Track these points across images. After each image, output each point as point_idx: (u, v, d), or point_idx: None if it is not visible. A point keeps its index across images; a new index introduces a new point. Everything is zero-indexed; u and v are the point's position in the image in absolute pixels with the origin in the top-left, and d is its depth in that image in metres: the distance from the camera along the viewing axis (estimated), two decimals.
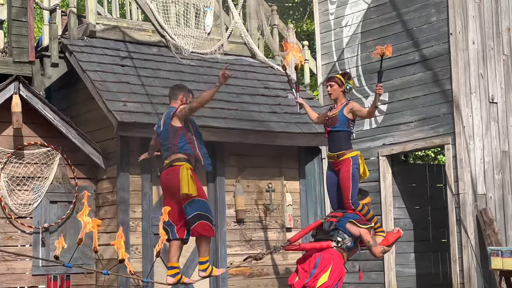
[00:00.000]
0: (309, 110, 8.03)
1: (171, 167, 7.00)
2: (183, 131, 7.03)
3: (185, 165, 6.94)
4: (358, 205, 7.46)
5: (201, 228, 6.96)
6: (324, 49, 10.83)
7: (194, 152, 7.04)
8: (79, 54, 9.29)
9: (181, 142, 7.02)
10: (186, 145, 7.02)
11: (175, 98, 7.26)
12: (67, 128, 8.89)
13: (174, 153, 7.04)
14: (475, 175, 9.07)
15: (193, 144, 7.06)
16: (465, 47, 9.24)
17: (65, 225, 8.97)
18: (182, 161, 6.98)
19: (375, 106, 7.35)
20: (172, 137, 7.03)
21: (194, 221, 6.95)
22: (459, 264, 8.99)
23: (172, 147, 7.03)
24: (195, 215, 6.95)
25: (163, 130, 7.15)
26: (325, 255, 7.23)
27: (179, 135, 7.02)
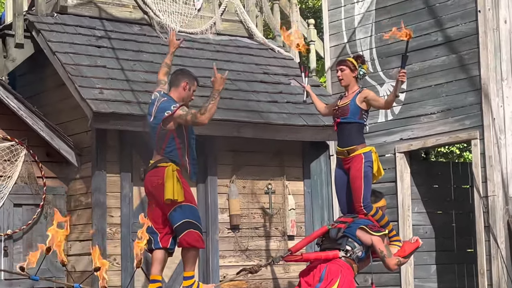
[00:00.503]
0: (316, 100, 8.03)
1: (156, 169, 6.96)
2: (174, 135, 6.96)
3: (171, 166, 6.90)
4: (371, 209, 7.46)
5: (191, 238, 6.92)
6: (333, 29, 10.82)
7: (181, 161, 6.99)
8: (48, 33, 9.27)
9: (169, 147, 6.97)
10: (174, 151, 6.97)
11: (177, 85, 7.12)
12: (33, 119, 8.88)
13: (158, 154, 7.01)
14: (506, 175, 9.08)
15: (183, 151, 7.00)
16: (496, 26, 9.24)
17: (31, 232, 8.96)
18: (168, 162, 6.93)
19: (395, 95, 7.31)
20: (160, 139, 6.98)
21: (183, 229, 6.91)
22: (488, 278, 9.00)
23: (158, 149, 6.99)
24: (184, 222, 6.91)
25: (152, 124, 7.05)
26: (332, 266, 7.23)
27: (168, 139, 6.96)
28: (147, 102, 8.78)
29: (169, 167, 6.88)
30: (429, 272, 10.16)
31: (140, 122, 8.67)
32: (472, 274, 10.11)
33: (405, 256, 7.60)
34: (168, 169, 6.86)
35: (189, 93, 7.13)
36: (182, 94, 7.09)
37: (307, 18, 13.26)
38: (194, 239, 6.93)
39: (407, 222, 9.81)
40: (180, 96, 7.09)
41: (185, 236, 6.91)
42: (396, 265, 7.50)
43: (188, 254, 7.02)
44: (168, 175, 6.84)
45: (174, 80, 7.16)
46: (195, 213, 6.99)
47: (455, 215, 10.52)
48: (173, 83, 7.16)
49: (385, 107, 7.64)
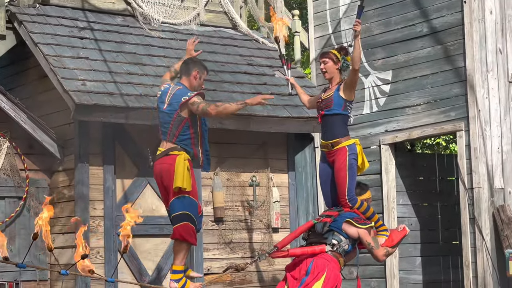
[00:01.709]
0: (300, 92, 8.04)
1: (167, 156, 7.04)
2: (189, 124, 7.06)
3: (183, 155, 6.99)
4: (355, 202, 7.48)
5: (185, 231, 6.97)
6: (318, 20, 10.83)
7: (194, 150, 7.09)
8: (30, 24, 9.24)
9: (183, 135, 7.06)
10: (188, 139, 7.08)
11: (188, 74, 7.24)
12: (16, 111, 8.85)
13: (170, 141, 7.08)
14: (491, 167, 9.13)
15: (196, 140, 7.11)
16: (481, 17, 9.27)
17: (14, 224, 8.94)
18: (180, 151, 7.02)
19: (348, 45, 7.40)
20: (175, 126, 7.07)
21: (179, 220, 6.98)
22: (473, 270, 9.05)
23: (171, 135, 7.07)
24: (183, 214, 6.98)
25: (167, 111, 7.13)
26: (318, 260, 7.26)
27: (183, 126, 7.06)
28: (130, 94, 8.80)
29: (181, 155, 6.98)
30: (414, 264, 10.21)
31: (123, 114, 8.68)
32: (457, 266, 10.17)
33: (393, 246, 7.64)
34: (179, 157, 6.97)
35: (199, 81, 7.27)
36: (193, 83, 7.23)
37: (292, 8, 13.25)
38: (188, 233, 6.99)
39: (392, 214, 9.85)
40: (191, 84, 7.23)
41: (180, 227, 6.97)
42: (384, 256, 7.54)
43: (179, 247, 7.07)
44: (179, 163, 6.93)
45: (185, 70, 7.29)
46: (194, 208, 7.06)
47: (440, 207, 10.57)
48: (184, 72, 7.29)
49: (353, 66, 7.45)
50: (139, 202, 9.20)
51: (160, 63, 9.59)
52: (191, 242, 7.03)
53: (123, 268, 8.93)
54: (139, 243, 9.04)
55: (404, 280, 9.99)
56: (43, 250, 8.95)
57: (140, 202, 9.20)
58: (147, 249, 9.19)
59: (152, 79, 9.24)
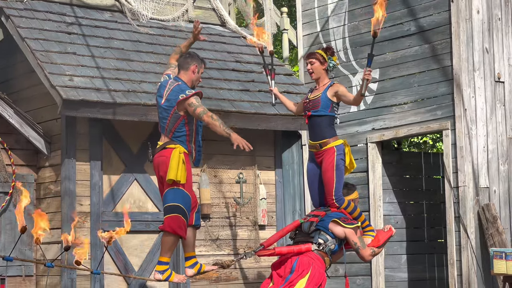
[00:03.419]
0: (285, 100, 8.08)
1: (164, 150, 7.17)
2: (185, 121, 7.19)
3: (179, 148, 7.11)
4: (343, 202, 7.51)
5: (175, 224, 7.03)
6: (306, 17, 10.86)
7: (188, 147, 7.20)
8: (17, 19, 9.23)
9: (179, 131, 7.18)
10: (183, 136, 7.20)
11: (186, 68, 7.33)
12: (2, 106, 8.85)
13: (167, 137, 7.20)
14: (477, 166, 9.19)
15: (191, 137, 7.22)
16: (468, 16, 9.32)
17: (0, 219, 8.93)
18: (176, 144, 7.14)
19: (361, 93, 7.33)
20: (172, 122, 7.18)
21: (170, 211, 7.05)
22: (458, 268, 9.11)
23: (168, 131, 7.20)
24: (174, 206, 7.06)
25: (164, 106, 7.23)
26: (303, 258, 7.29)
27: (179, 123, 7.18)
28: (117, 90, 8.81)
29: (177, 149, 7.09)
30: (400, 262, 10.26)
31: (111, 110, 8.69)
32: (442, 264, 10.25)
33: (379, 246, 7.68)
34: (175, 150, 7.09)
35: (198, 75, 7.39)
36: (191, 77, 7.33)
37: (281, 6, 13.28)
38: (178, 226, 7.05)
39: (378, 212, 9.90)
40: (190, 78, 7.33)
41: (170, 219, 7.03)
42: (371, 256, 7.58)
43: (167, 239, 7.12)
44: (174, 156, 7.05)
45: (183, 64, 7.37)
46: (187, 202, 7.12)
47: (426, 205, 10.63)
48: (183, 66, 7.36)
49: (353, 103, 7.61)
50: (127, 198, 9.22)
51: (148, 59, 9.60)
52: (180, 234, 7.08)
53: (109, 263, 8.94)
54: (126, 239, 9.05)
55: (389, 278, 10.04)
56: (29, 245, 8.95)
57: (128, 198, 9.22)
58: (134, 245, 9.20)
59: (140, 75, 9.25)
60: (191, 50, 7.63)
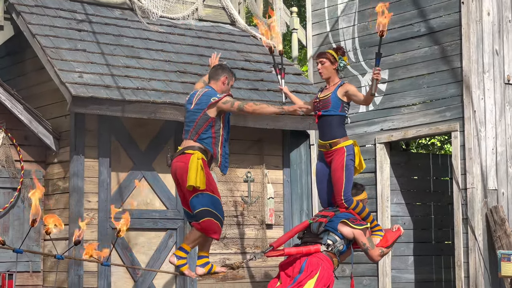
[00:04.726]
0: (294, 99, 8.07)
1: (183, 155, 7.17)
2: (212, 123, 7.20)
3: (197, 154, 7.10)
4: (351, 203, 7.50)
5: (207, 226, 7.09)
6: (316, 17, 10.85)
7: (213, 150, 7.21)
8: (28, 15, 9.25)
9: (205, 133, 7.19)
10: (209, 138, 7.21)
11: (217, 79, 7.41)
12: (12, 102, 8.86)
13: (191, 139, 7.19)
14: (485, 168, 9.17)
15: (217, 140, 7.24)
16: (479, 18, 9.31)
17: (9, 215, 8.96)
18: (195, 150, 7.13)
19: (370, 93, 7.34)
20: (199, 125, 7.19)
21: (202, 216, 7.09)
22: (465, 270, 9.09)
23: (193, 133, 7.20)
24: (203, 210, 7.10)
25: (193, 110, 7.27)
26: (312, 259, 7.29)
27: (207, 125, 7.19)
28: (126, 87, 8.83)
29: (195, 155, 7.08)
30: (407, 263, 10.25)
31: (120, 107, 8.70)
32: (449, 266, 10.23)
33: (388, 246, 7.67)
34: (193, 156, 7.07)
35: (227, 87, 7.45)
36: (221, 88, 7.39)
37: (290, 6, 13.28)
38: (212, 229, 7.12)
39: (386, 213, 9.89)
40: (220, 89, 7.39)
41: (203, 223, 7.09)
42: (379, 256, 7.57)
43: (203, 239, 7.23)
44: (193, 162, 7.04)
45: (214, 74, 7.45)
46: (216, 203, 7.16)
47: (434, 207, 10.62)
48: (213, 76, 7.44)
49: (363, 103, 7.63)
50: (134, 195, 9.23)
51: (158, 57, 9.61)
52: (214, 237, 7.19)
53: (116, 261, 8.94)
54: (133, 236, 9.07)
55: (396, 279, 10.03)
56: (36, 241, 8.97)
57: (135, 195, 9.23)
58: (141, 243, 9.21)
59: (149, 72, 9.26)
60: (223, 62, 7.65)
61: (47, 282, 9.04)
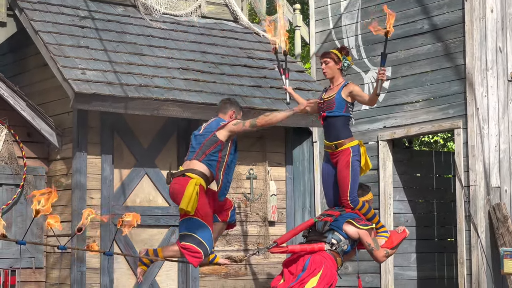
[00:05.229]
0: (298, 98, 8.07)
1: (182, 177, 7.15)
2: (220, 147, 7.19)
3: (196, 180, 7.07)
4: (357, 203, 7.50)
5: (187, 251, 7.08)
6: (319, 14, 10.84)
7: (216, 174, 7.18)
8: (31, 12, 9.25)
9: (212, 155, 7.18)
10: (214, 162, 7.18)
11: (224, 112, 7.46)
12: (15, 98, 8.87)
13: (196, 160, 7.17)
14: (488, 165, 9.16)
15: (221, 165, 7.21)
16: (482, 15, 9.29)
17: (12, 212, 8.96)
18: (196, 174, 7.11)
19: (376, 93, 7.34)
20: (206, 145, 7.19)
21: (183, 240, 7.09)
22: (467, 267, 9.09)
23: (199, 154, 7.19)
24: (187, 235, 7.11)
25: (201, 134, 7.31)
26: (315, 257, 7.29)
27: (215, 147, 7.18)
28: (129, 84, 8.83)
29: (194, 180, 7.06)
30: (409, 261, 10.24)
31: (122, 104, 8.70)
32: (451, 263, 10.22)
33: (393, 247, 7.67)
34: (192, 181, 7.06)
35: None
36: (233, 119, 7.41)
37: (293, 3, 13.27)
38: (190, 255, 7.09)
39: (388, 210, 9.88)
40: None
41: (184, 246, 7.09)
42: (384, 257, 7.58)
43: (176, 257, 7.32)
44: (190, 186, 7.02)
45: (223, 108, 7.51)
46: (204, 231, 7.12)
47: (437, 204, 10.61)
48: (221, 110, 7.51)
49: (368, 103, 7.62)
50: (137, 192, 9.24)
51: (161, 54, 9.61)
52: (190, 262, 7.15)
53: (118, 257, 8.95)
54: (136, 233, 9.07)
55: (398, 276, 10.02)
56: (39, 237, 8.97)
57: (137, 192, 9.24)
58: (143, 239, 9.21)
59: (152, 69, 9.26)
60: (232, 96, 7.67)
61: (50, 278, 9.05)
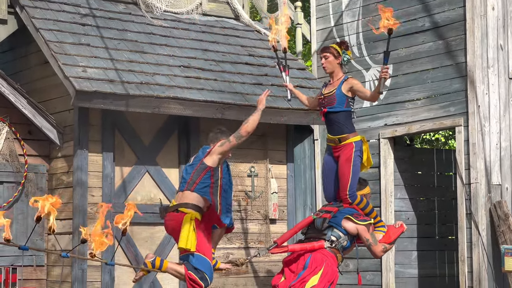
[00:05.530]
0: (299, 95, 8.07)
1: (176, 213, 7.11)
2: (211, 173, 7.13)
3: (190, 215, 7.03)
4: (355, 198, 7.50)
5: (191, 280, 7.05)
6: (320, 12, 10.84)
7: (212, 199, 7.13)
8: (32, 9, 9.25)
9: (203, 183, 7.12)
10: (207, 188, 7.12)
11: (215, 143, 7.36)
12: (16, 96, 8.87)
13: (188, 190, 7.12)
14: (489, 163, 9.15)
15: (215, 190, 7.15)
16: (483, 13, 9.28)
17: (12, 209, 8.96)
18: (190, 208, 7.07)
19: (378, 91, 7.35)
20: (196, 174, 7.13)
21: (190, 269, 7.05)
22: (468, 265, 9.09)
23: (190, 183, 7.13)
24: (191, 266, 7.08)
25: (190, 165, 7.28)
26: (316, 255, 7.30)
27: (204, 174, 7.12)
28: (130, 82, 8.83)
29: (188, 215, 7.02)
30: (410, 258, 10.24)
31: (123, 102, 8.69)
32: (452, 261, 10.22)
33: (391, 242, 7.67)
34: (186, 217, 7.02)
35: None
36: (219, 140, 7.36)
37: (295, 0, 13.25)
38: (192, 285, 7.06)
39: (390, 208, 9.88)
40: None
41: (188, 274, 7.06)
42: (382, 252, 7.58)
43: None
44: (185, 222, 6.99)
45: (214, 139, 7.42)
46: (205, 265, 7.10)
47: (438, 202, 10.61)
48: (213, 140, 7.41)
49: (370, 99, 7.66)
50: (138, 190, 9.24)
51: (162, 52, 9.60)
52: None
53: (120, 255, 8.95)
54: (137, 231, 9.07)
55: (399, 274, 10.02)
56: (40, 235, 8.98)
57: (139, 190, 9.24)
58: (145, 237, 9.21)
59: (153, 67, 9.26)
60: (223, 126, 7.64)
61: (51, 276, 9.05)
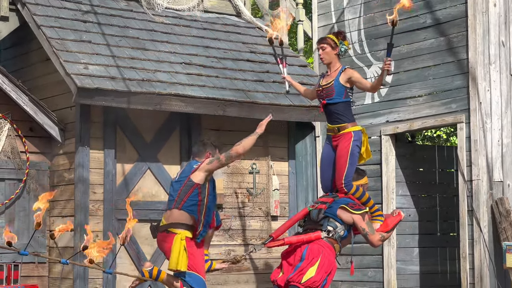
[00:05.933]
0: (297, 86, 8.06)
1: (167, 234, 7.11)
2: (198, 191, 7.10)
3: (181, 235, 7.03)
4: (351, 188, 7.50)
5: None
6: (321, 9, 10.83)
7: (199, 217, 7.11)
8: (34, 6, 9.25)
9: (191, 200, 7.09)
10: (195, 206, 7.10)
11: (201, 156, 7.34)
12: (17, 93, 8.87)
13: (176, 209, 7.09)
14: (491, 159, 9.15)
15: (202, 208, 7.12)
16: (485, 9, 9.27)
17: (14, 206, 8.97)
18: (179, 228, 7.06)
19: (380, 83, 7.36)
20: (183, 192, 7.10)
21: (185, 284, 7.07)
22: (470, 262, 9.08)
23: (178, 201, 7.10)
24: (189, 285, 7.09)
25: (176, 181, 7.24)
26: (313, 246, 7.29)
27: (192, 192, 7.09)
28: (132, 79, 8.83)
29: (178, 235, 7.02)
30: (412, 255, 10.24)
31: (125, 99, 8.69)
32: (454, 257, 10.23)
33: (388, 231, 7.66)
34: (177, 237, 7.02)
35: None
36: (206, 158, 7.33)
37: None
38: None
39: (391, 204, 9.88)
40: None
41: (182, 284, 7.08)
42: (380, 241, 7.56)
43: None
44: (176, 243, 6.99)
45: (198, 152, 7.39)
46: (199, 283, 7.10)
47: (439, 198, 10.60)
48: (198, 154, 7.38)
49: (370, 90, 7.65)
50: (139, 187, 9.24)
51: (163, 49, 9.60)
52: None
53: (121, 252, 8.94)
54: (138, 228, 9.07)
55: (401, 270, 10.02)
56: (42, 232, 8.98)
57: (140, 187, 9.24)
58: (146, 234, 9.19)
59: (155, 64, 9.26)
60: (204, 138, 7.61)
61: (53, 273, 9.06)
